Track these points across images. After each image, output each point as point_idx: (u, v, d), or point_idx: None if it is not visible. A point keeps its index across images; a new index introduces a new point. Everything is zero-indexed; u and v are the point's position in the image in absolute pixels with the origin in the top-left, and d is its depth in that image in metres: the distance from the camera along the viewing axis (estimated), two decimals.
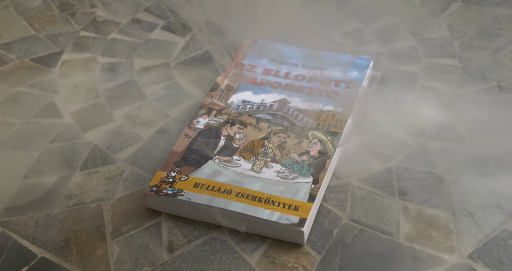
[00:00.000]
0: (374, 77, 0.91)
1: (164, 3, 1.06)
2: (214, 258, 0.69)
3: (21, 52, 0.99)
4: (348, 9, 1.04)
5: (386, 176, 0.77)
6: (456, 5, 1.04)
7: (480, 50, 0.95)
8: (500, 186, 0.74)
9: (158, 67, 0.95)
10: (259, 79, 0.88)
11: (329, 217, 0.72)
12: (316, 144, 0.78)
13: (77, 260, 0.69)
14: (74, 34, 1.02)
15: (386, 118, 0.84)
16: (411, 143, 0.81)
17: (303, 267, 0.68)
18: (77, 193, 0.77)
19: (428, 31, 0.99)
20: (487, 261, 0.67)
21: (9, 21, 1.05)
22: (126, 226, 0.72)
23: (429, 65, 0.93)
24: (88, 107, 0.89)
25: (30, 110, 0.88)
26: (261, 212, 0.70)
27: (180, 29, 1.02)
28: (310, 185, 0.73)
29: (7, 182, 0.78)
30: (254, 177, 0.74)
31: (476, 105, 0.85)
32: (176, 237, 0.71)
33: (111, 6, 1.07)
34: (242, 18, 0.99)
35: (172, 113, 0.87)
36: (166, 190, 0.72)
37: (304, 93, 0.85)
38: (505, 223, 0.71)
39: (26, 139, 0.84)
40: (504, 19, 1.00)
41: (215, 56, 0.94)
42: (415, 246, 0.69)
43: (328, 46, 0.97)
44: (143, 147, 0.82)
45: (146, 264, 0.69)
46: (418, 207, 0.73)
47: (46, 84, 0.93)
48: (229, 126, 0.81)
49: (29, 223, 0.73)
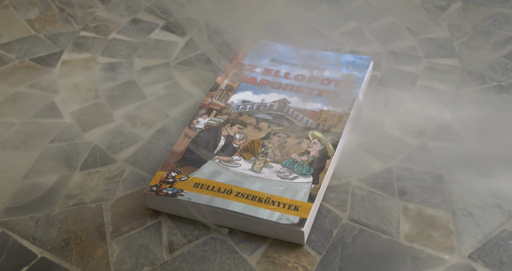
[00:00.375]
0: (374, 77, 0.91)
1: (160, 5, 1.06)
2: (214, 258, 0.69)
3: (21, 52, 0.99)
4: (348, 9, 1.04)
5: (386, 176, 0.77)
6: (456, 5, 1.04)
7: (480, 50, 0.95)
8: (500, 186, 0.74)
9: (158, 67, 0.95)
10: (259, 79, 0.88)
11: (329, 217, 0.72)
12: (316, 144, 0.78)
13: (77, 260, 0.69)
14: (74, 34, 1.02)
15: (386, 118, 0.84)
16: (411, 143, 0.81)
17: (303, 267, 0.67)
18: (77, 193, 0.77)
19: (428, 31, 0.99)
20: (487, 261, 0.67)
21: (9, 21, 1.05)
22: (126, 226, 0.72)
23: (429, 65, 0.93)
24: (88, 107, 0.89)
25: (30, 110, 0.88)
26: (261, 212, 0.70)
27: (180, 29, 1.02)
28: (310, 185, 0.73)
29: (7, 182, 0.78)
30: (254, 177, 0.74)
31: (476, 105, 0.85)
32: (176, 237, 0.71)
33: (111, 6, 1.07)
34: (242, 18, 0.99)
35: (172, 113, 0.87)
36: (166, 190, 0.72)
37: (304, 93, 0.85)
38: (505, 223, 0.71)
39: (26, 139, 0.84)
40: (504, 19, 1.00)
41: (213, 58, 0.94)
42: (415, 246, 0.69)
43: (328, 46, 0.97)
44: (143, 147, 0.82)
45: (146, 264, 0.69)
46: (418, 207, 0.73)
47: (46, 84, 0.93)
48: (229, 126, 0.81)
49: (29, 223, 0.73)
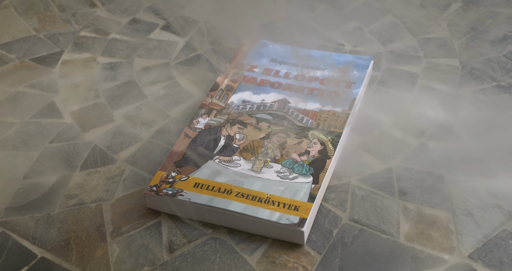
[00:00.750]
0: (374, 77, 0.91)
1: (160, 5, 1.06)
2: (214, 258, 0.69)
3: (21, 52, 0.99)
4: (348, 9, 1.04)
5: (386, 176, 0.77)
6: (456, 5, 1.04)
7: (480, 50, 0.95)
8: (500, 186, 0.74)
9: (158, 67, 0.95)
10: (259, 79, 0.88)
11: (329, 217, 0.72)
12: (316, 144, 0.78)
13: (77, 260, 0.69)
14: (74, 34, 1.02)
15: (386, 118, 0.84)
16: (411, 143, 0.81)
17: (303, 267, 0.67)
18: (77, 193, 0.77)
19: (428, 31, 0.99)
20: (487, 261, 0.67)
21: (9, 21, 1.05)
22: (126, 226, 0.72)
23: (429, 65, 0.93)
24: (88, 107, 0.89)
25: (30, 110, 0.88)
26: (261, 212, 0.70)
27: (180, 29, 1.02)
28: (310, 185, 0.73)
29: (7, 182, 0.78)
30: (254, 177, 0.74)
31: (476, 105, 0.85)
32: (176, 237, 0.71)
33: (111, 6, 1.07)
34: (241, 18, 0.99)
35: (172, 113, 0.87)
36: (166, 190, 0.72)
37: (304, 93, 0.85)
38: (505, 223, 0.71)
39: (26, 139, 0.84)
40: (504, 19, 1.00)
41: (212, 58, 0.94)
42: (415, 246, 0.69)
43: (328, 46, 0.97)
44: (143, 147, 0.82)
45: (146, 264, 0.69)
46: (418, 207, 0.73)
47: (46, 84, 0.93)
48: (229, 126, 0.81)
49: (29, 223, 0.73)
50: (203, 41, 0.99)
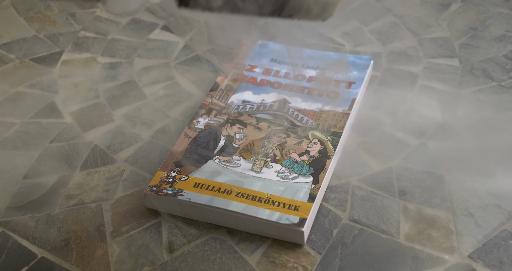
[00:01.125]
0: (374, 77, 0.91)
1: (160, 5, 1.06)
2: (214, 258, 0.69)
3: (21, 52, 0.99)
4: (348, 9, 1.04)
5: (386, 176, 0.77)
6: (456, 5, 1.04)
7: (480, 50, 0.95)
8: (500, 186, 0.74)
9: (158, 67, 0.95)
10: (259, 79, 0.88)
11: (329, 217, 0.72)
12: (316, 144, 0.78)
13: (77, 260, 0.69)
14: (74, 34, 1.02)
15: (386, 118, 0.84)
16: (411, 143, 0.81)
17: (303, 267, 0.67)
18: (77, 193, 0.77)
19: (428, 31, 0.99)
20: (487, 261, 0.67)
21: (9, 21, 1.05)
22: (126, 226, 0.72)
23: (429, 65, 0.93)
24: (88, 107, 0.89)
25: (30, 110, 0.88)
26: (261, 212, 0.69)
27: (180, 29, 1.02)
28: (310, 185, 0.73)
29: (7, 182, 0.78)
30: (254, 177, 0.74)
31: (476, 105, 0.85)
32: (176, 237, 0.71)
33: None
34: (241, 18, 0.99)
35: (172, 113, 0.87)
36: (166, 190, 0.72)
37: (304, 93, 0.85)
38: (505, 223, 0.71)
39: (26, 139, 0.84)
40: (504, 19, 1.00)
41: (212, 58, 0.94)
42: (415, 246, 0.69)
43: (328, 46, 0.97)
44: (143, 147, 0.82)
45: (146, 264, 0.69)
46: (418, 207, 0.73)
47: (46, 84, 0.93)
48: (229, 126, 0.81)
49: (29, 223, 0.73)
50: (203, 41, 0.99)
